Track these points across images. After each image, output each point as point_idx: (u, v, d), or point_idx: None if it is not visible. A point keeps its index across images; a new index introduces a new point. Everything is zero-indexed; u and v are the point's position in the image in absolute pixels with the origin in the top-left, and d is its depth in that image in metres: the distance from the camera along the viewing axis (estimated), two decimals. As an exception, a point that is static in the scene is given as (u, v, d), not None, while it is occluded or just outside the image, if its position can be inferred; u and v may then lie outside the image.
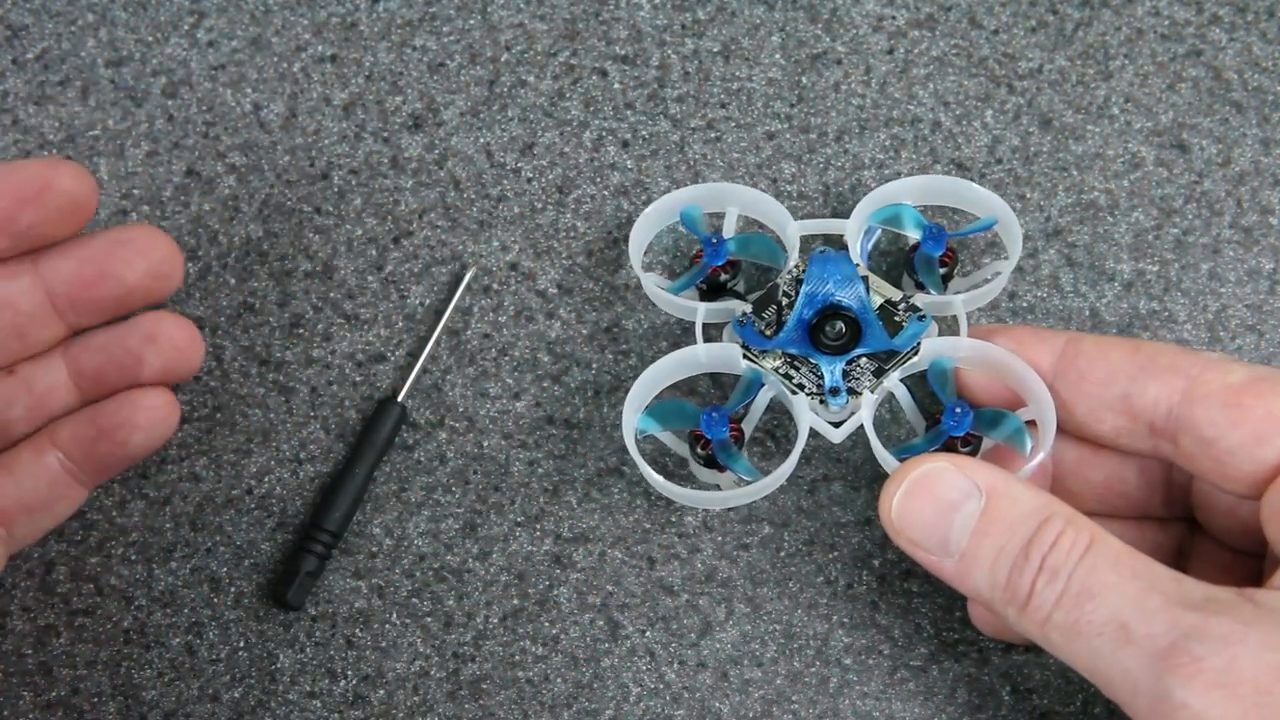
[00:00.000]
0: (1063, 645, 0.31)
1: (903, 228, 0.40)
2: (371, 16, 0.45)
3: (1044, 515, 0.32)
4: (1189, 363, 0.34)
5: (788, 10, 0.45)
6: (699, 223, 0.41)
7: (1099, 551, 0.31)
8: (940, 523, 0.33)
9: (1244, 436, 0.33)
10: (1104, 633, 0.30)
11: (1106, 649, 0.30)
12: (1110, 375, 0.35)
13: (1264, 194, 0.43)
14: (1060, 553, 0.31)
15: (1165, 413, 0.34)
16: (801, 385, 0.38)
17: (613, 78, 0.45)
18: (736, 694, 0.39)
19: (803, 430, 0.37)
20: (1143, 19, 0.45)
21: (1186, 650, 0.29)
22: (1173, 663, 0.29)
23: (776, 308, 0.39)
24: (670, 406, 0.38)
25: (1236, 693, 0.29)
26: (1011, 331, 0.37)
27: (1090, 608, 0.31)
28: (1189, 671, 0.29)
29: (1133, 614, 0.30)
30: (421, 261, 0.43)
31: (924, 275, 0.39)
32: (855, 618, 0.40)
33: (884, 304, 0.39)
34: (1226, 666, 0.29)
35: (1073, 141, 0.44)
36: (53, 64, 0.45)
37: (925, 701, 0.39)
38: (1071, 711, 0.39)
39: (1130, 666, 0.30)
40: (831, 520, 0.41)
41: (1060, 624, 0.31)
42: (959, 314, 0.38)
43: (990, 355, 0.37)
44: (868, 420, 0.37)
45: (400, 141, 0.44)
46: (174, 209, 0.44)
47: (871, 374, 0.38)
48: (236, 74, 0.45)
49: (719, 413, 0.37)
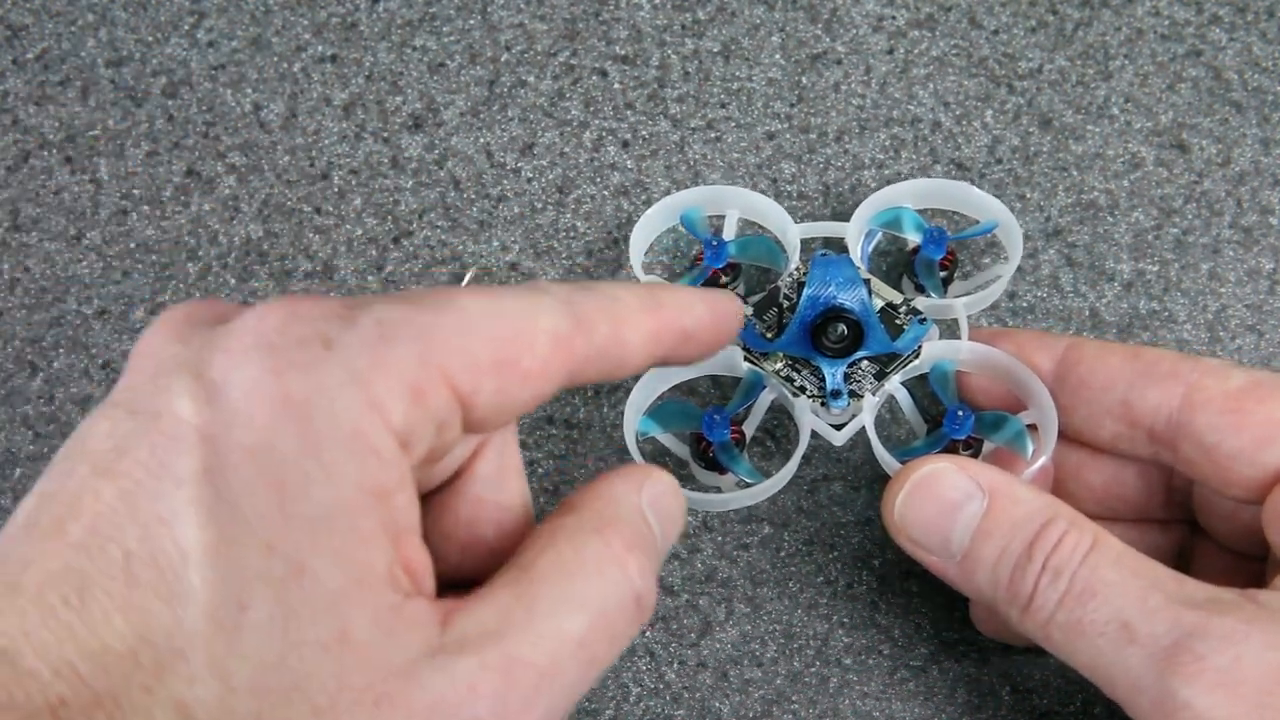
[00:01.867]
0: (1065, 645, 0.31)
1: (903, 231, 0.40)
2: (371, 16, 0.45)
3: (1047, 516, 0.32)
4: (1188, 369, 0.34)
5: (788, 10, 0.45)
6: (699, 225, 0.41)
7: (1102, 552, 0.31)
8: (943, 523, 0.33)
9: (1244, 442, 0.33)
10: (1106, 632, 0.30)
11: (1109, 648, 0.30)
12: (1110, 381, 0.35)
13: (1264, 194, 0.43)
14: (1064, 553, 0.31)
15: (1165, 419, 0.34)
16: (803, 388, 0.38)
17: (613, 78, 0.45)
18: (736, 694, 0.39)
19: (804, 433, 0.37)
20: (1143, 19, 0.45)
21: (1189, 649, 0.29)
22: (1175, 662, 0.29)
23: (778, 310, 0.39)
24: (672, 408, 0.38)
25: (1239, 692, 0.29)
26: (1013, 335, 0.37)
27: (1093, 606, 0.31)
28: (1192, 671, 0.29)
29: (1135, 613, 0.30)
30: (421, 261, 0.43)
31: (924, 278, 0.39)
32: (855, 618, 0.40)
33: (885, 307, 0.39)
34: (1229, 666, 0.29)
35: (1073, 141, 0.44)
36: (53, 64, 0.45)
37: (925, 701, 0.39)
38: (1071, 711, 0.39)
39: (1132, 665, 0.30)
40: (831, 520, 0.41)
41: (1063, 623, 0.31)
42: (960, 317, 0.38)
43: (992, 359, 0.37)
44: (869, 423, 0.37)
45: (400, 141, 0.44)
46: (174, 209, 0.44)
47: (873, 377, 0.38)
48: (236, 74, 0.45)
49: (720, 415, 0.37)
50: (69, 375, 0.42)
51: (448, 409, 0.26)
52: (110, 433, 0.25)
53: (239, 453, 0.24)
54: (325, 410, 0.25)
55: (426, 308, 0.27)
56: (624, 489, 0.30)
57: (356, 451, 0.25)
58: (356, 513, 0.25)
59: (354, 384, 0.25)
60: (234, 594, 0.24)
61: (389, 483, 0.25)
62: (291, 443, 0.25)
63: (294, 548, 0.24)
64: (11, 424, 0.42)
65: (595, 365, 0.29)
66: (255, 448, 0.24)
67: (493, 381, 0.27)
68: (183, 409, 0.25)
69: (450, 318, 0.27)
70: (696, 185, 0.43)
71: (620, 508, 0.29)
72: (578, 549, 0.28)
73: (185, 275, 0.43)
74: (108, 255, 0.43)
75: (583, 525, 0.28)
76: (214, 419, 0.25)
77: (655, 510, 0.30)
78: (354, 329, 0.26)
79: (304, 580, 0.24)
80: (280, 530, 0.24)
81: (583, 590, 0.27)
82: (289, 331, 0.26)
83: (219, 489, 0.24)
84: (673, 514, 0.31)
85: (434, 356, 0.26)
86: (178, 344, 0.26)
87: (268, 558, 0.24)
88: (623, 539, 0.28)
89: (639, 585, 0.28)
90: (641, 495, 0.30)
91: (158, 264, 0.43)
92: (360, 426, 0.25)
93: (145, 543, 0.24)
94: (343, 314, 0.26)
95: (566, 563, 0.27)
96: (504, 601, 0.26)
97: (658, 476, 0.30)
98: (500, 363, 0.27)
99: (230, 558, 0.24)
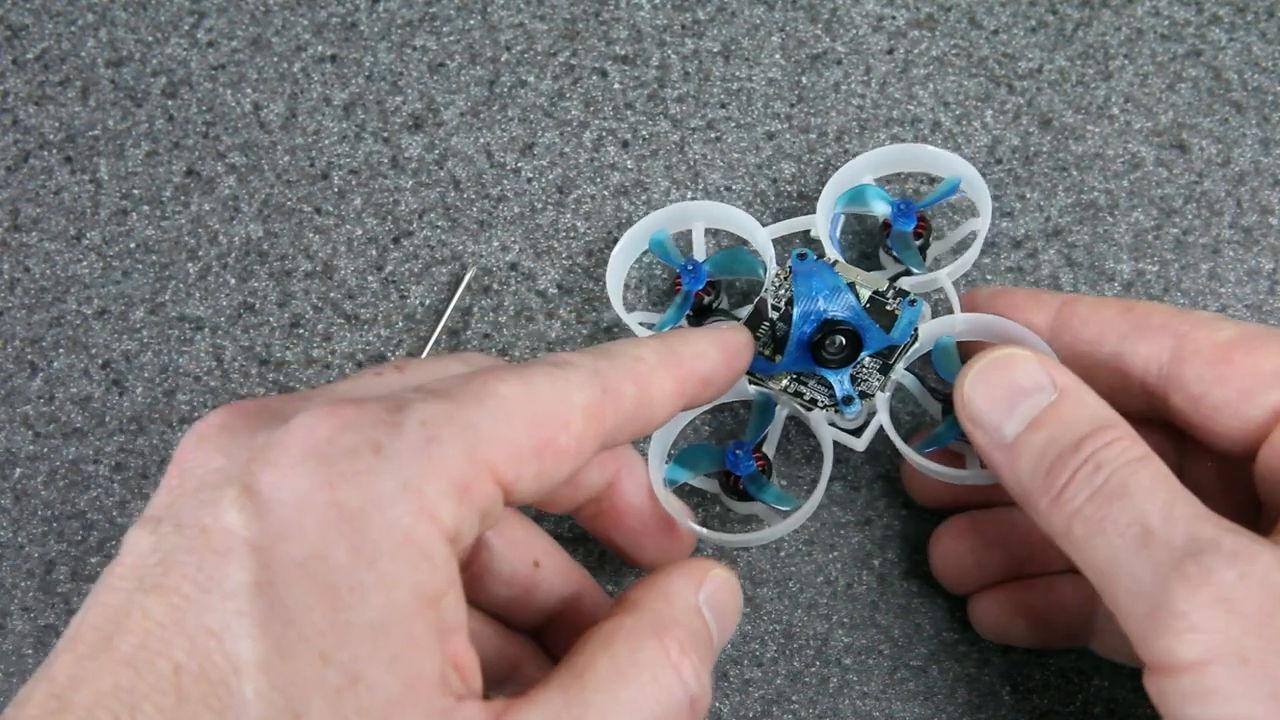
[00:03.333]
0: (1083, 541, 0.31)
1: (869, 206, 0.40)
2: (371, 16, 0.45)
3: (1106, 422, 0.32)
4: (1180, 321, 0.34)
5: (788, 10, 0.45)
6: (670, 250, 0.40)
7: (1147, 463, 0.31)
8: (1006, 403, 0.33)
9: (1230, 393, 0.33)
10: (1126, 533, 0.30)
11: (1125, 549, 0.30)
12: (1102, 335, 0.35)
13: (1264, 194, 0.43)
14: (1111, 452, 0.31)
15: (1156, 371, 0.34)
16: (814, 400, 0.37)
17: (613, 78, 0.45)
18: (736, 694, 0.39)
19: (827, 447, 0.37)
20: (1143, 19, 0.45)
21: (1198, 561, 0.29)
22: (1181, 571, 0.29)
23: (770, 325, 0.39)
24: (695, 452, 0.38)
25: (1239, 609, 0.29)
26: (1009, 294, 0.37)
27: (1120, 506, 0.30)
28: (1196, 582, 0.29)
29: (1158, 519, 0.30)
30: (421, 261, 0.43)
31: (902, 253, 0.39)
32: (855, 618, 0.40)
33: (873, 296, 0.39)
34: (1233, 583, 0.29)
35: (1073, 141, 0.44)
36: (53, 64, 0.45)
37: (925, 701, 0.39)
38: (1071, 711, 0.39)
39: (1141, 571, 0.30)
40: (831, 520, 0.41)
41: (1088, 517, 0.31)
42: (946, 287, 0.39)
43: (987, 324, 0.37)
44: (886, 421, 0.37)
45: (400, 141, 0.44)
46: (174, 209, 0.44)
47: (878, 372, 0.38)
48: (236, 74, 0.45)
49: (743, 448, 0.37)
50: (69, 375, 0.42)
51: (492, 500, 0.27)
52: (156, 547, 0.25)
53: (291, 565, 0.25)
54: (378, 520, 0.25)
55: (468, 402, 0.27)
56: (682, 586, 0.30)
57: (409, 559, 0.25)
58: (410, 619, 0.25)
59: (405, 491, 0.26)
60: (289, 705, 0.24)
61: (440, 586, 0.26)
62: (344, 553, 0.25)
63: (349, 657, 0.24)
64: (11, 424, 0.42)
65: (625, 430, 0.30)
66: (307, 559, 0.25)
67: (533, 466, 0.27)
68: (231, 522, 0.25)
69: (489, 409, 0.27)
70: (696, 185, 0.43)
71: (678, 609, 0.30)
72: (633, 652, 0.28)
73: (185, 275, 0.43)
74: (108, 255, 0.43)
75: (640, 628, 0.29)
76: (264, 531, 0.25)
77: (713, 608, 0.31)
78: (401, 435, 0.26)
79: (359, 689, 0.24)
80: (334, 640, 0.24)
81: (635, 697, 0.27)
82: (338, 442, 0.26)
83: (271, 601, 0.24)
84: (730, 611, 0.31)
85: (480, 453, 0.27)
86: (220, 456, 0.26)
87: (322, 668, 0.24)
88: (679, 643, 0.29)
89: (694, 690, 0.28)
90: (700, 594, 0.30)
91: (158, 264, 0.43)
92: (413, 534, 0.25)
93: (195, 656, 0.24)
94: (388, 420, 0.26)
95: (622, 668, 0.28)
96: (554, 708, 0.27)
97: (716, 573, 0.31)
98: (539, 446, 0.28)
99: (284, 669, 0.24)
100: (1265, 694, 0.28)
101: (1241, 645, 0.28)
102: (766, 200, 0.43)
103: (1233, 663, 0.28)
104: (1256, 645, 0.28)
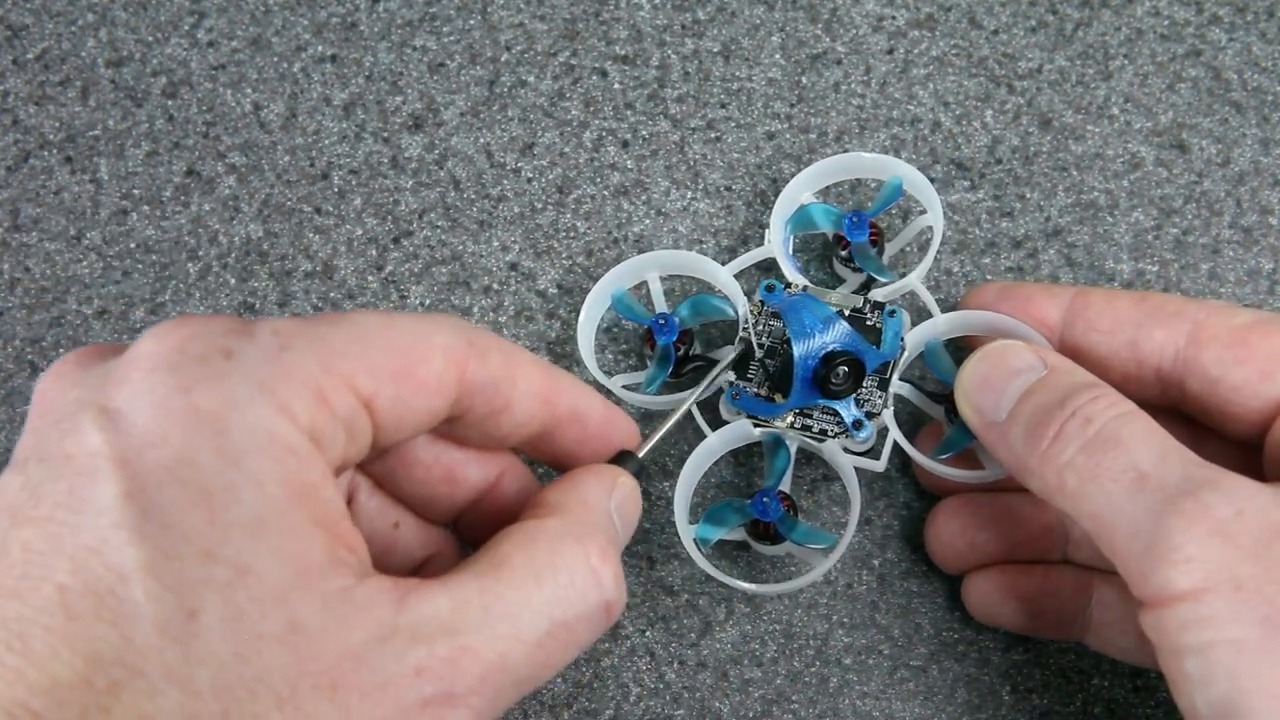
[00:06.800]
0: (1076, 490, 0.31)
1: (818, 226, 0.40)
2: (371, 16, 0.45)
3: (1094, 382, 0.33)
4: (1195, 308, 0.35)
5: (788, 10, 0.45)
6: (634, 307, 0.40)
7: (1136, 416, 0.32)
8: (1000, 384, 0.34)
9: (1249, 374, 0.34)
10: (1121, 479, 0.31)
11: (1119, 494, 0.30)
12: (1117, 324, 0.36)
13: (1264, 194, 0.43)
14: (1098, 406, 0.32)
15: (1172, 356, 0.35)
16: (825, 431, 0.38)
17: (613, 78, 0.45)
18: (736, 694, 0.39)
19: (848, 476, 0.38)
20: (1143, 19, 0.45)
21: (1195, 496, 0.29)
22: (1179, 506, 0.29)
23: (760, 365, 0.39)
24: (721, 509, 0.38)
25: (1236, 541, 0.29)
26: (1021, 288, 0.38)
27: (1113, 455, 0.31)
28: (1194, 516, 0.29)
29: (1152, 464, 0.31)
30: (421, 261, 0.43)
31: (865, 265, 0.40)
32: (855, 618, 0.40)
33: (852, 315, 0.39)
34: (1231, 518, 0.29)
35: (1073, 141, 0.44)
36: (53, 64, 0.45)
37: (925, 701, 0.39)
38: (1071, 711, 0.39)
39: (1137, 511, 0.30)
40: (832, 521, 0.41)
41: (1080, 466, 0.31)
42: (918, 290, 0.39)
43: (970, 319, 0.38)
44: (900, 437, 0.37)
45: (400, 141, 0.44)
46: (174, 209, 0.44)
47: (878, 389, 0.38)
48: (236, 74, 0.45)
49: (768, 495, 0.37)
50: (69, 375, 0.42)
51: (352, 411, 0.27)
52: (24, 485, 0.25)
53: (159, 470, 0.25)
54: (237, 421, 0.26)
55: (322, 321, 0.28)
56: (599, 493, 0.31)
57: (274, 455, 0.26)
58: (286, 510, 0.26)
59: (261, 391, 0.26)
60: (181, 603, 0.24)
61: (311, 478, 0.26)
62: (209, 455, 0.25)
63: (233, 552, 0.25)
64: (11, 424, 0.42)
65: (486, 396, 0.30)
66: (175, 464, 0.25)
67: (391, 388, 0.28)
68: (93, 443, 0.25)
69: (344, 329, 0.28)
70: (696, 185, 0.43)
71: (597, 514, 0.31)
72: (553, 555, 0.29)
73: (185, 275, 0.43)
74: (108, 255, 0.43)
75: (563, 531, 0.29)
76: (127, 444, 0.25)
77: (620, 514, 0.31)
78: (253, 341, 0.27)
79: (249, 580, 0.25)
80: (216, 539, 0.25)
81: (550, 596, 0.28)
82: (188, 350, 0.26)
83: (145, 508, 0.25)
84: (632, 516, 0.32)
85: (333, 363, 0.27)
86: (75, 388, 0.27)
87: (208, 565, 0.25)
88: (600, 550, 0.29)
89: (611, 595, 0.29)
90: (612, 499, 0.31)
91: (158, 264, 0.43)
92: (275, 431, 0.26)
93: (77, 574, 0.24)
94: (239, 328, 0.27)
95: (539, 567, 0.28)
96: (466, 594, 0.27)
97: (623, 480, 0.32)
98: (397, 372, 0.28)
99: (170, 568, 0.24)
100: (1259, 618, 0.28)
101: (1236, 573, 0.29)
102: (767, 200, 0.43)
103: (1228, 589, 0.29)
104: (1251, 572, 0.29)
